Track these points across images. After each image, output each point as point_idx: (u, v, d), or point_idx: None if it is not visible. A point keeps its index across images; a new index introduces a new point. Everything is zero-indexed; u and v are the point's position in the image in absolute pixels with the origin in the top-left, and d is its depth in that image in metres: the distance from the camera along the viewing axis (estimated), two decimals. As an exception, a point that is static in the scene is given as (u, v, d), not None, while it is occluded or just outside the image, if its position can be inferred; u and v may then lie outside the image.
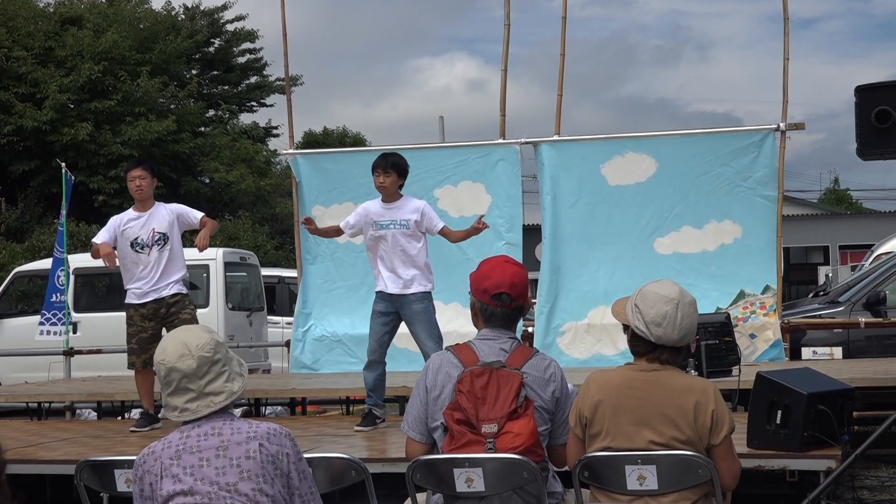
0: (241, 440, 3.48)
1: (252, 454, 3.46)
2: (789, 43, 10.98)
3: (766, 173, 10.83)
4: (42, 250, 22.06)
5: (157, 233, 8.12)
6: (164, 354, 3.58)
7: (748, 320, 10.61)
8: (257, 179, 30.40)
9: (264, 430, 3.53)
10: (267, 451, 3.48)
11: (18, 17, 28.20)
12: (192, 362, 3.54)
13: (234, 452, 3.46)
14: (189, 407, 3.54)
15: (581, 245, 11.19)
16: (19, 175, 27.51)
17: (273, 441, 3.50)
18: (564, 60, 11.73)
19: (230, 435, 3.49)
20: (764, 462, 5.75)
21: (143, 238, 8.13)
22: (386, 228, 7.72)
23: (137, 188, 8.15)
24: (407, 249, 7.71)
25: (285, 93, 13.07)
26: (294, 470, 3.54)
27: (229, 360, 3.64)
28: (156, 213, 8.19)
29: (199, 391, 3.55)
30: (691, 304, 4.05)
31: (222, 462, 3.45)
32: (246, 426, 3.54)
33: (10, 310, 16.46)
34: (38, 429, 9.12)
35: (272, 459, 3.48)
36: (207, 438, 3.49)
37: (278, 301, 18.85)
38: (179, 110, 29.39)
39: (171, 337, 3.67)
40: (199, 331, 3.68)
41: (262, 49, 34.74)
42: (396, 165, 7.70)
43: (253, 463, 3.45)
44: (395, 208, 7.73)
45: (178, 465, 3.47)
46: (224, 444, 3.48)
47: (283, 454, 3.51)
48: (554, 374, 4.23)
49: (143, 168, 8.24)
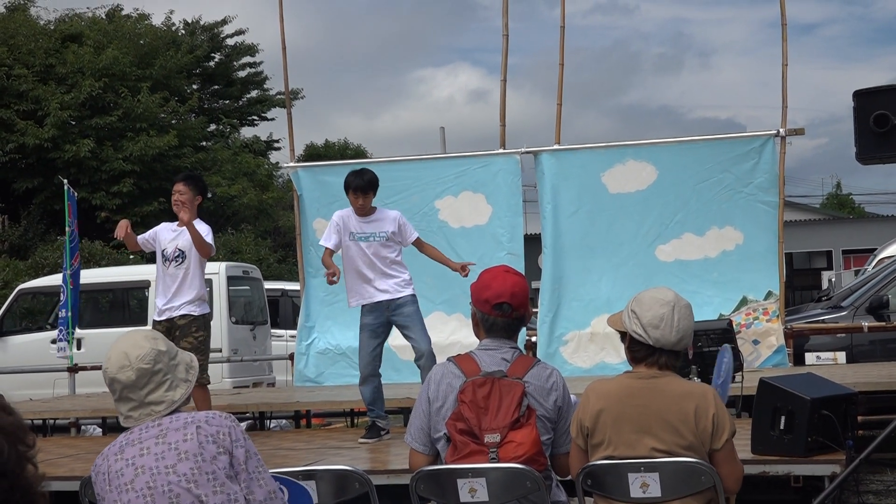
0: (179, 426, 3.52)
1: (189, 437, 3.48)
2: (788, 48, 11.01)
3: (767, 179, 10.84)
4: (45, 267, 22.09)
5: (179, 249, 8.13)
6: (106, 363, 3.61)
7: (751, 326, 10.61)
8: (259, 193, 30.45)
9: (203, 415, 3.56)
10: (205, 431, 3.48)
11: (19, 34, 28.29)
12: (132, 374, 3.57)
13: (172, 438, 3.50)
14: (132, 415, 3.60)
15: (582, 254, 11.20)
16: (22, 192, 27.56)
17: (212, 423, 3.51)
18: (564, 69, 11.77)
19: (169, 423, 3.54)
20: (768, 468, 5.76)
21: (168, 251, 8.16)
22: (366, 240, 7.75)
23: (176, 203, 8.15)
24: (389, 256, 7.75)
25: (286, 106, 13.11)
26: (238, 447, 3.51)
27: (173, 368, 3.65)
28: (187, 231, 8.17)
29: (139, 401, 3.59)
30: (687, 307, 4.07)
31: (161, 448, 3.48)
32: (185, 415, 3.58)
33: (14, 327, 16.48)
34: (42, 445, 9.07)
35: (212, 439, 3.48)
36: (148, 430, 3.55)
37: (282, 314, 18.85)
38: (180, 125, 29.46)
39: (115, 345, 3.69)
40: (141, 339, 3.69)
41: (263, 63, 34.86)
42: (372, 184, 7.75)
43: (190, 444, 3.47)
44: (374, 220, 7.78)
45: (121, 458, 3.51)
46: (163, 432, 3.52)
47: (223, 433, 3.50)
48: (556, 383, 4.24)
49: (186, 184, 8.15)
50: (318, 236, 11.84)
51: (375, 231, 7.75)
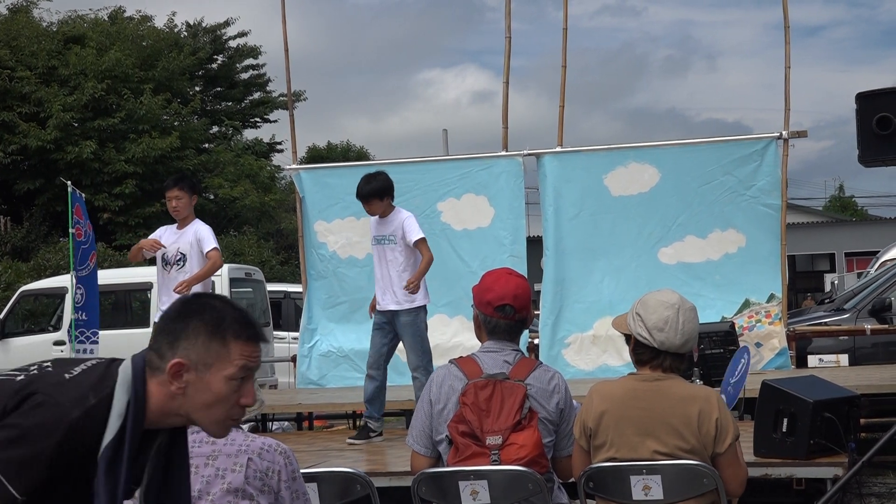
0: (232, 452, 3.46)
1: (238, 468, 3.43)
2: (793, 51, 11.03)
3: (769, 181, 10.83)
4: (47, 269, 22.09)
5: (180, 252, 8.13)
6: None
7: (754, 329, 10.60)
8: (261, 195, 30.46)
9: (258, 445, 3.50)
10: (255, 466, 3.44)
11: (22, 36, 28.31)
12: None
13: (223, 463, 3.44)
14: None
15: (585, 256, 11.19)
16: (24, 194, 27.57)
17: (265, 457, 3.46)
18: (568, 71, 11.75)
19: (223, 445, 3.48)
20: (771, 470, 5.75)
21: (169, 255, 8.16)
22: (379, 244, 7.79)
23: (174, 209, 8.13)
24: (398, 264, 7.74)
25: (288, 108, 13.12)
26: (285, 489, 3.48)
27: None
28: (187, 233, 8.17)
29: None
30: (692, 309, 4.06)
31: (210, 471, 3.44)
32: (241, 438, 3.51)
33: (16, 329, 16.48)
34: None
35: (259, 476, 3.44)
36: (201, 445, 3.48)
37: (284, 316, 18.85)
38: (183, 127, 29.47)
39: None
40: None
41: (266, 65, 34.89)
42: (374, 192, 7.71)
43: (237, 476, 3.42)
44: (386, 223, 7.80)
45: None
46: (215, 453, 3.46)
47: (273, 471, 3.46)
48: (558, 385, 4.23)
49: (180, 188, 8.15)
50: (321, 238, 11.88)
51: (386, 234, 7.77)
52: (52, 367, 2.65)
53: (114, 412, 2.52)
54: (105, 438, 2.50)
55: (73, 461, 2.51)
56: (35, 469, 2.46)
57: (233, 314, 2.66)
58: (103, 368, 2.61)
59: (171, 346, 2.60)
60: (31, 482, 2.46)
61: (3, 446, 2.45)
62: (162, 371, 2.59)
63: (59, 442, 2.46)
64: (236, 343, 2.62)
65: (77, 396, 2.51)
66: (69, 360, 2.71)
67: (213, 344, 2.60)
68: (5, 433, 2.47)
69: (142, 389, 2.58)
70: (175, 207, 8.12)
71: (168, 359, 2.59)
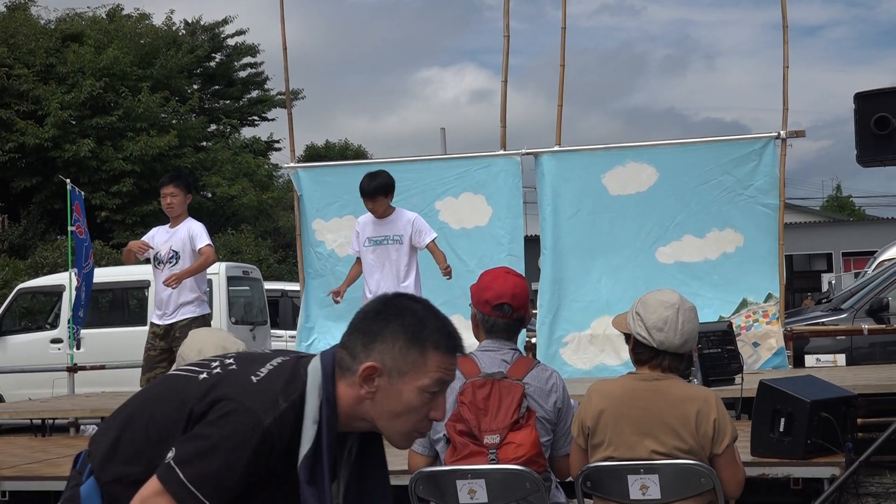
0: None
1: None
2: (791, 51, 11.01)
3: (767, 181, 10.83)
4: (45, 267, 22.08)
5: (172, 251, 8.09)
6: (201, 355, 3.45)
7: (751, 329, 10.60)
8: (259, 193, 30.45)
9: None
10: None
11: (19, 34, 28.29)
12: None
13: None
14: None
15: (582, 255, 11.19)
16: (21, 192, 27.56)
17: None
18: (567, 71, 11.75)
19: None
20: (768, 470, 5.75)
21: (161, 254, 8.12)
22: (379, 245, 7.72)
23: (168, 206, 8.09)
24: (398, 265, 7.71)
25: (286, 107, 13.12)
26: None
27: None
28: (180, 231, 8.13)
29: None
30: (691, 309, 4.06)
31: None
32: None
33: (13, 326, 16.47)
34: (42, 445, 9.11)
35: None
36: None
37: (282, 315, 18.85)
38: (181, 125, 29.47)
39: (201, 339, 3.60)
40: (229, 335, 3.65)
41: (264, 63, 34.89)
42: (379, 189, 7.67)
43: None
44: (388, 223, 7.74)
45: None
46: None
47: None
48: (555, 384, 4.24)
49: (175, 185, 8.12)
50: (318, 237, 11.88)
51: (389, 234, 7.71)
52: (237, 366, 2.51)
53: (308, 418, 2.40)
54: (302, 447, 2.40)
55: (266, 468, 2.39)
56: (231, 481, 2.35)
57: (435, 322, 2.52)
58: (290, 368, 2.48)
59: (365, 348, 2.47)
60: (227, 495, 2.35)
61: (196, 460, 2.34)
62: (353, 372, 2.47)
63: (254, 451, 2.35)
64: (435, 353, 2.48)
65: (268, 402, 2.39)
66: (251, 357, 2.56)
67: (410, 351, 2.47)
68: (197, 445, 2.36)
69: (332, 391, 2.45)
70: (170, 204, 8.09)
71: (361, 360, 2.46)
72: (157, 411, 2.50)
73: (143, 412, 2.55)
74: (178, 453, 2.36)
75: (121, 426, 2.59)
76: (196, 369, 2.55)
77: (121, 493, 2.49)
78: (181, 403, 2.45)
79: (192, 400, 2.43)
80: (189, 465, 2.34)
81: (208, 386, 2.45)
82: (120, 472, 2.53)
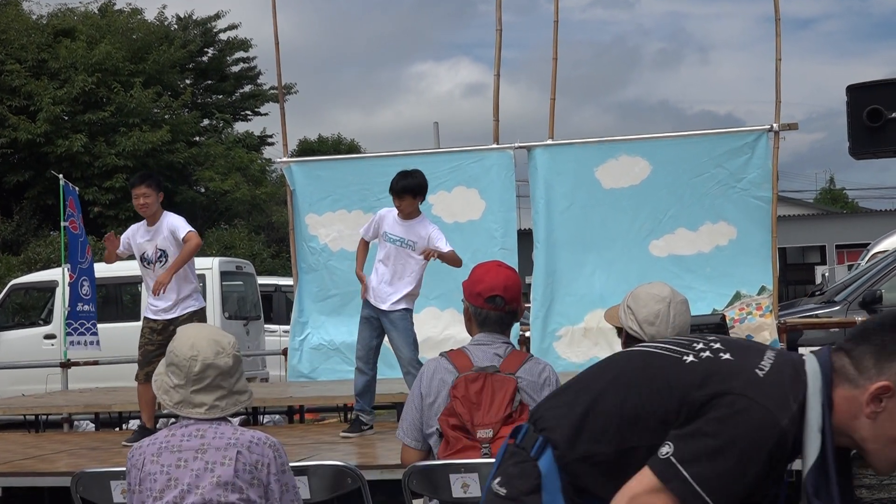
0: (221, 446, 3.44)
1: (227, 461, 3.41)
2: (784, 44, 11.01)
3: (760, 174, 10.84)
4: (38, 262, 22.05)
5: (159, 249, 8.05)
6: (194, 350, 3.47)
7: (744, 321, 10.61)
8: (252, 188, 30.41)
9: (247, 439, 3.48)
10: (245, 459, 3.43)
11: (11, 29, 28.20)
12: (230, 359, 3.49)
13: (212, 457, 3.42)
14: (219, 405, 3.49)
15: (576, 249, 11.20)
16: (13, 187, 27.50)
17: (253, 451, 3.45)
18: (559, 64, 11.77)
19: (212, 439, 3.46)
20: (761, 463, 5.74)
21: (149, 254, 8.08)
22: (392, 243, 7.68)
23: (142, 206, 8.02)
24: (404, 267, 7.68)
25: (279, 101, 13.11)
26: (275, 481, 3.47)
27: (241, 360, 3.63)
28: (160, 229, 8.07)
29: (229, 389, 3.50)
30: (683, 302, 4.06)
31: (199, 465, 3.42)
32: (230, 432, 3.49)
33: (6, 322, 16.44)
34: (35, 441, 9.10)
35: (249, 469, 3.42)
36: (190, 439, 3.46)
37: (275, 309, 18.84)
38: (173, 120, 29.39)
39: (193, 334, 3.56)
40: (217, 330, 3.65)
41: (256, 58, 34.81)
42: (407, 189, 7.58)
43: (226, 469, 3.40)
44: (409, 227, 7.66)
45: (157, 461, 3.45)
46: (204, 447, 3.44)
47: (262, 464, 3.45)
48: (549, 378, 4.23)
49: (147, 185, 8.04)
50: (311, 231, 11.88)
51: (404, 237, 7.66)
52: (732, 356, 2.31)
53: (811, 425, 2.22)
54: (807, 457, 2.22)
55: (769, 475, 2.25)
56: (740, 484, 2.20)
57: None
58: (792, 368, 2.28)
59: (878, 363, 2.23)
60: (730, 500, 2.20)
61: (704, 458, 2.18)
62: (856, 386, 2.25)
63: (768, 454, 2.19)
64: None
65: (781, 401, 2.21)
66: (744, 345, 2.38)
67: None
68: (704, 443, 2.19)
69: (828, 399, 2.25)
70: (143, 205, 8.00)
71: (872, 377, 2.23)
72: (634, 391, 2.34)
73: (616, 390, 2.37)
74: (678, 450, 2.21)
75: (588, 403, 2.41)
76: (676, 349, 2.38)
77: (584, 472, 2.36)
78: (667, 387, 2.30)
79: (684, 387, 2.27)
80: (695, 464, 2.18)
81: (703, 374, 2.28)
82: (589, 450, 2.36)
